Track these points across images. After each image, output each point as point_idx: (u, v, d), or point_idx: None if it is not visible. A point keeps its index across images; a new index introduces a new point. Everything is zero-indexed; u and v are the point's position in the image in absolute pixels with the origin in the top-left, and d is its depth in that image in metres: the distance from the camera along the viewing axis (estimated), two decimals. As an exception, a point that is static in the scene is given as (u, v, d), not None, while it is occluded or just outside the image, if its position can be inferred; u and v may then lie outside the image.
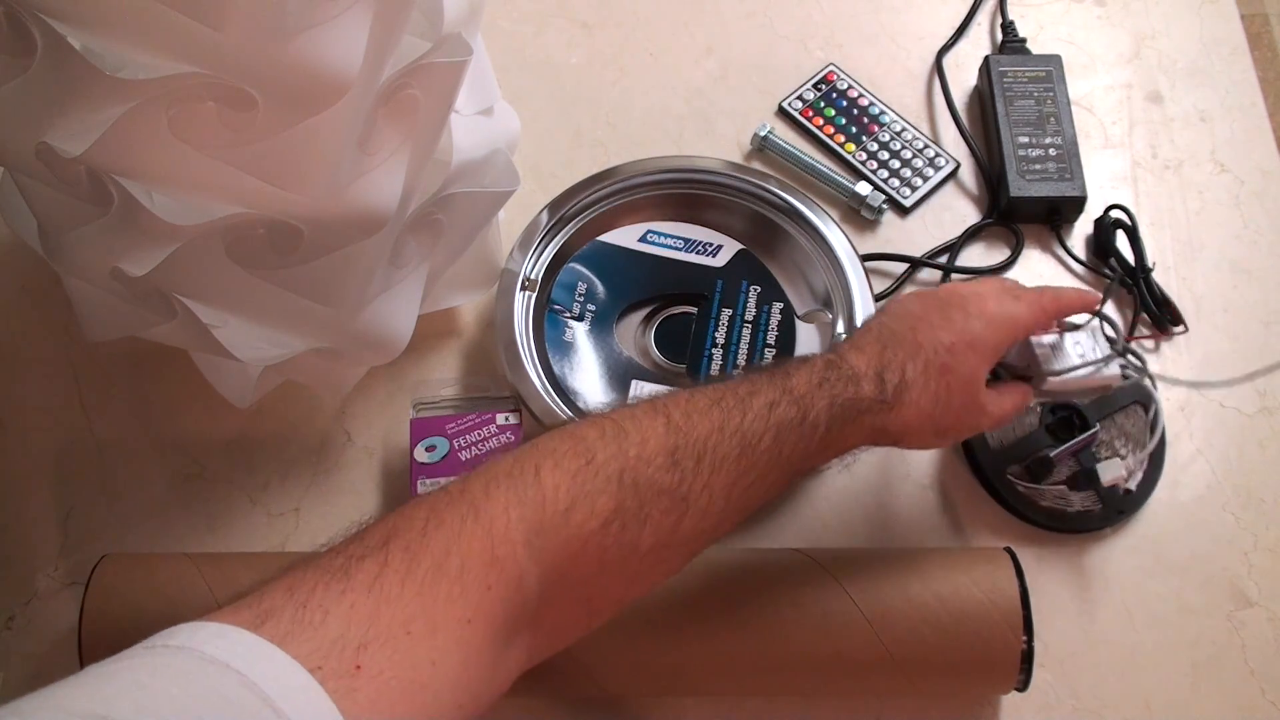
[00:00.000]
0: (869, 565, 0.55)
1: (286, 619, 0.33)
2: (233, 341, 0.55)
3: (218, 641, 0.32)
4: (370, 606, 0.35)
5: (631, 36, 0.81)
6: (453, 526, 0.38)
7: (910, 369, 0.50)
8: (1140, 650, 0.60)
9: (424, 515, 0.38)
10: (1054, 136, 0.73)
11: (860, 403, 0.48)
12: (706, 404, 0.45)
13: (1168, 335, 0.68)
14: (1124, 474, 0.61)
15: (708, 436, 0.44)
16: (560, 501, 0.40)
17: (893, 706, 0.58)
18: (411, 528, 0.38)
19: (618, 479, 0.41)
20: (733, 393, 0.46)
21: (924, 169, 0.75)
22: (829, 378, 0.48)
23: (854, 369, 0.49)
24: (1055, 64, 0.76)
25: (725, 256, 0.69)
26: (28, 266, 0.71)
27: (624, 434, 0.43)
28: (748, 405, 0.45)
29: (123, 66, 0.44)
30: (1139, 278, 0.69)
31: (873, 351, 0.50)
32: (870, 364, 0.49)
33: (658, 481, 0.42)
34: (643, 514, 0.42)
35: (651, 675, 0.54)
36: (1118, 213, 0.71)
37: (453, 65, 0.50)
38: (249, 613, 0.33)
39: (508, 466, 0.41)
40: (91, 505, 0.64)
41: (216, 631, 0.32)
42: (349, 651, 0.33)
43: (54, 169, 0.48)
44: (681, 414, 0.44)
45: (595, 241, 0.69)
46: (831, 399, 0.47)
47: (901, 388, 0.49)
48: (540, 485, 0.40)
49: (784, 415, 0.46)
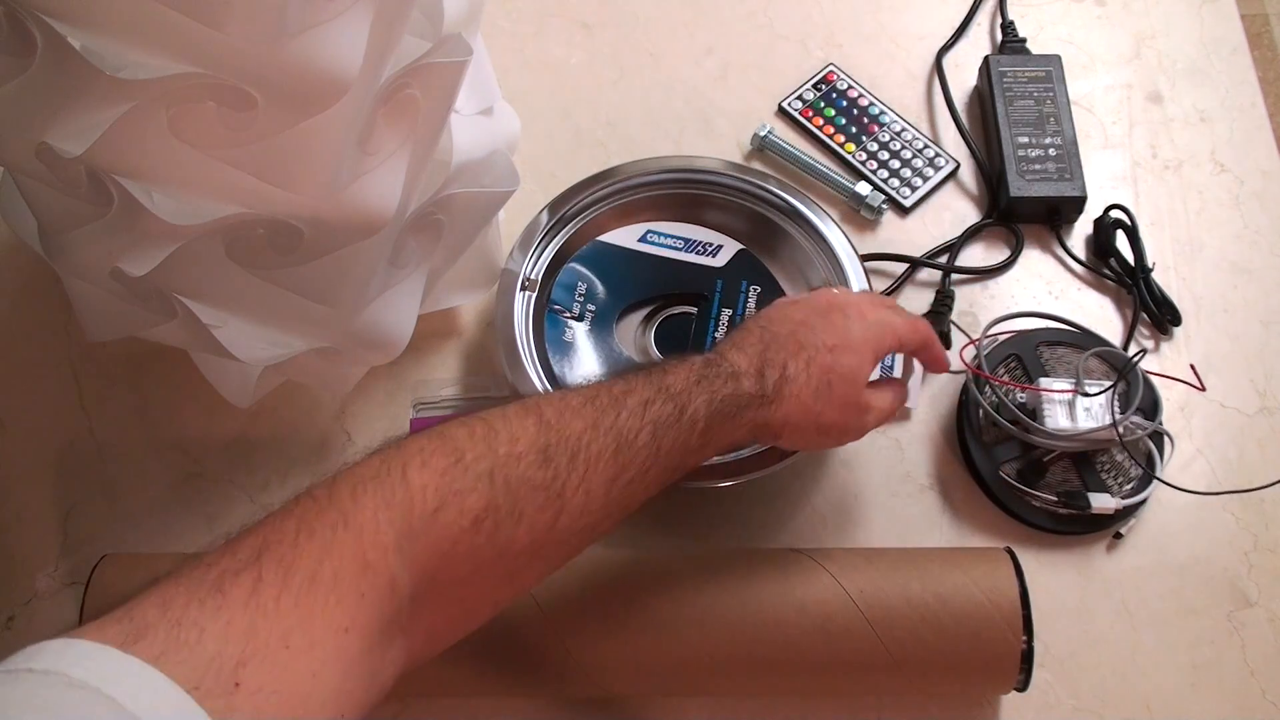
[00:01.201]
0: (869, 565, 0.55)
1: (161, 637, 0.32)
2: (233, 341, 0.55)
3: (86, 663, 0.30)
4: (246, 622, 0.34)
5: (631, 36, 0.81)
6: (323, 535, 0.37)
7: (792, 366, 0.51)
8: (1140, 650, 0.60)
9: (294, 526, 0.38)
10: (1054, 136, 0.73)
11: (740, 398, 0.49)
12: (580, 402, 0.45)
13: (1168, 336, 0.69)
14: (1112, 509, 0.61)
15: (581, 434, 0.44)
16: (429, 502, 0.40)
17: (893, 706, 0.58)
18: (283, 539, 0.37)
19: (488, 477, 0.41)
20: (606, 391, 0.46)
21: (924, 169, 0.75)
22: (707, 374, 0.49)
23: (734, 366, 0.50)
24: (1055, 64, 0.76)
25: (725, 256, 0.69)
26: (28, 266, 0.71)
27: (494, 433, 0.42)
28: (622, 403, 0.46)
29: (123, 66, 0.44)
30: (1139, 278, 0.69)
31: (754, 351, 0.51)
32: (751, 362, 0.50)
33: (530, 478, 0.42)
34: (516, 511, 0.41)
35: (651, 675, 0.54)
36: (1117, 213, 0.71)
37: (453, 65, 0.50)
38: (118, 629, 0.32)
39: (374, 469, 0.40)
40: (91, 505, 0.64)
41: (85, 651, 0.31)
42: (227, 670, 0.32)
43: (54, 169, 0.48)
44: (554, 412, 0.44)
45: (595, 241, 0.69)
46: (710, 395, 0.48)
47: (782, 382, 0.50)
48: (408, 486, 0.40)
49: (660, 412, 0.46)
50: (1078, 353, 0.65)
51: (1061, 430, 0.61)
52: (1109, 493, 0.61)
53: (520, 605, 0.53)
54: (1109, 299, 0.70)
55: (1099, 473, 0.62)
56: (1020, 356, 0.65)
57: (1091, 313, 0.69)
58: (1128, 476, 0.63)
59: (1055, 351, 0.66)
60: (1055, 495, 0.61)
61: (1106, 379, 0.63)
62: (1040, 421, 0.62)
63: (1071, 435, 0.61)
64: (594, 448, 0.44)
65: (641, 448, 0.45)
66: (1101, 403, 0.62)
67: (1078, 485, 0.62)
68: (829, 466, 0.65)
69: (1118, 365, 0.64)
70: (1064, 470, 0.63)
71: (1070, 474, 0.63)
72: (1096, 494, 0.61)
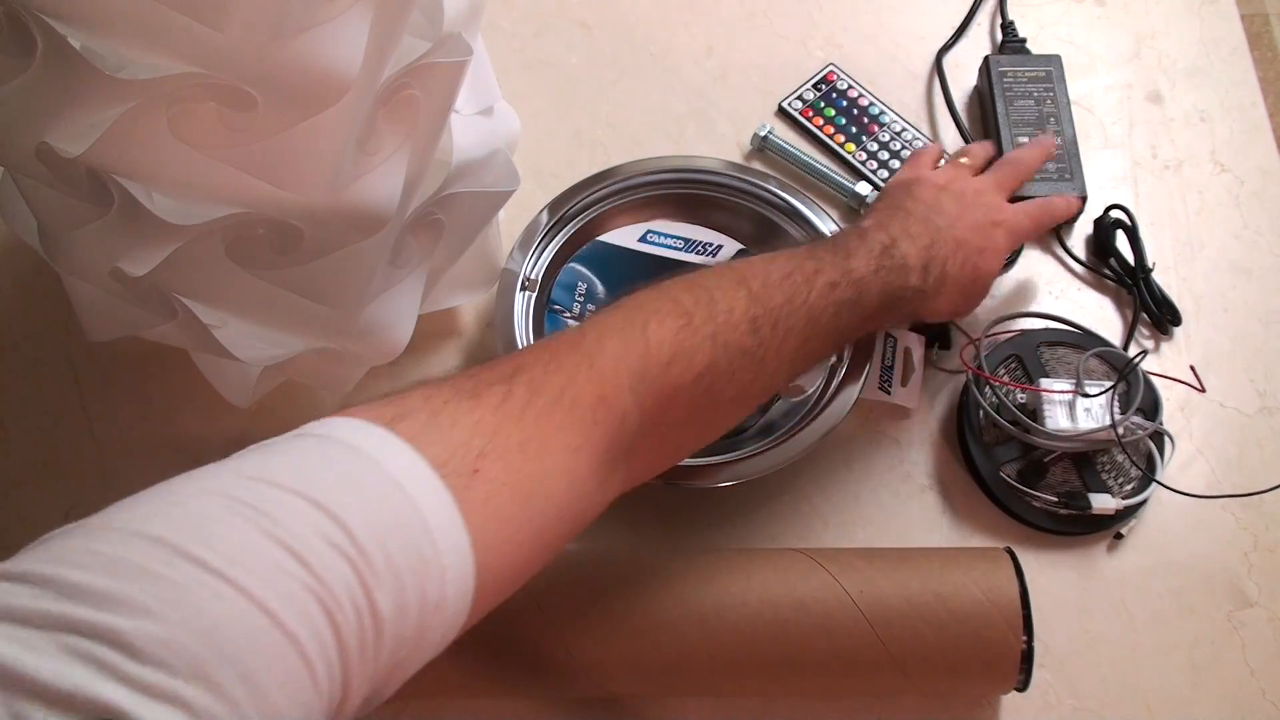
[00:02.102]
0: (869, 565, 0.55)
1: (421, 421, 0.38)
2: (233, 341, 0.55)
3: (356, 432, 0.37)
4: (493, 424, 0.39)
5: (631, 36, 0.81)
6: (569, 369, 0.43)
7: (950, 264, 0.58)
8: (1140, 650, 0.60)
9: (546, 357, 0.43)
10: (1054, 137, 0.73)
11: (907, 290, 0.56)
12: (779, 277, 0.51)
13: (1168, 336, 0.69)
14: (1112, 510, 0.61)
15: (780, 308, 0.50)
16: (663, 354, 0.46)
17: (893, 706, 0.58)
18: (535, 365, 0.43)
19: (711, 339, 0.47)
20: (800, 269, 0.52)
21: (924, 169, 0.75)
22: (884, 265, 0.55)
23: (905, 259, 0.56)
24: (1055, 64, 0.76)
25: (725, 256, 0.69)
26: (28, 266, 0.71)
27: (714, 301, 0.49)
28: (813, 282, 0.52)
29: (123, 66, 0.44)
30: (1139, 278, 0.69)
31: (922, 243, 0.57)
32: (919, 256, 0.57)
33: (741, 344, 0.48)
34: (729, 370, 0.48)
35: (651, 675, 0.54)
36: (1117, 213, 0.71)
37: (453, 65, 0.50)
38: (386, 410, 0.38)
39: (620, 320, 0.47)
40: (91, 505, 0.63)
41: (356, 425, 0.37)
42: (470, 457, 0.38)
43: (54, 169, 0.48)
44: (760, 285, 0.50)
45: (595, 241, 0.69)
46: (884, 285, 0.55)
47: (941, 280, 0.58)
48: (646, 339, 0.46)
49: (843, 295, 0.53)
50: (1078, 353, 0.65)
51: (1061, 431, 0.61)
52: (1109, 493, 0.61)
53: (520, 605, 0.53)
54: (1109, 299, 0.70)
55: (1099, 473, 0.62)
56: (1020, 357, 0.65)
57: (1092, 313, 0.69)
58: (1128, 477, 0.63)
59: (1056, 352, 0.66)
60: (1055, 496, 0.61)
61: (1107, 379, 0.64)
62: (1040, 422, 0.62)
63: (1071, 436, 0.61)
64: (790, 321, 0.50)
65: (825, 324, 0.52)
66: (1101, 403, 0.62)
67: (1078, 486, 0.62)
68: (829, 466, 0.65)
69: (1118, 366, 0.64)
70: (1064, 471, 0.63)
71: (1071, 474, 0.63)
72: (1097, 494, 0.61)
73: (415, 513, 0.35)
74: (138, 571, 0.29)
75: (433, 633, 0.36)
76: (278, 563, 0.31)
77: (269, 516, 0.32)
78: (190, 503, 0.32)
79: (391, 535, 0.34)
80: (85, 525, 0.32)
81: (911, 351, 0.66)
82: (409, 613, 0.34)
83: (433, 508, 0.36)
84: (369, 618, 0.33)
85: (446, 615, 0.36)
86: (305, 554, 0.32)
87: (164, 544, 0.30)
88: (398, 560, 0.34)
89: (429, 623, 0.36)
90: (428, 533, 0.35)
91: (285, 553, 0.31)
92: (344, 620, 0.32)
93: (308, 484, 0.34)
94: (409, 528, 0.35)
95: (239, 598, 0.30)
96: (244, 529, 0.32)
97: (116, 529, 0.31)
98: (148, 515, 0.32)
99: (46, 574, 0.29)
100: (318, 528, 0.33)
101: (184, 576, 0.29)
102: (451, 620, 0.37)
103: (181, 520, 0.31)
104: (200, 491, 0.33)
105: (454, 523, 0.36)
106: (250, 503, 0.32)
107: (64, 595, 0.28)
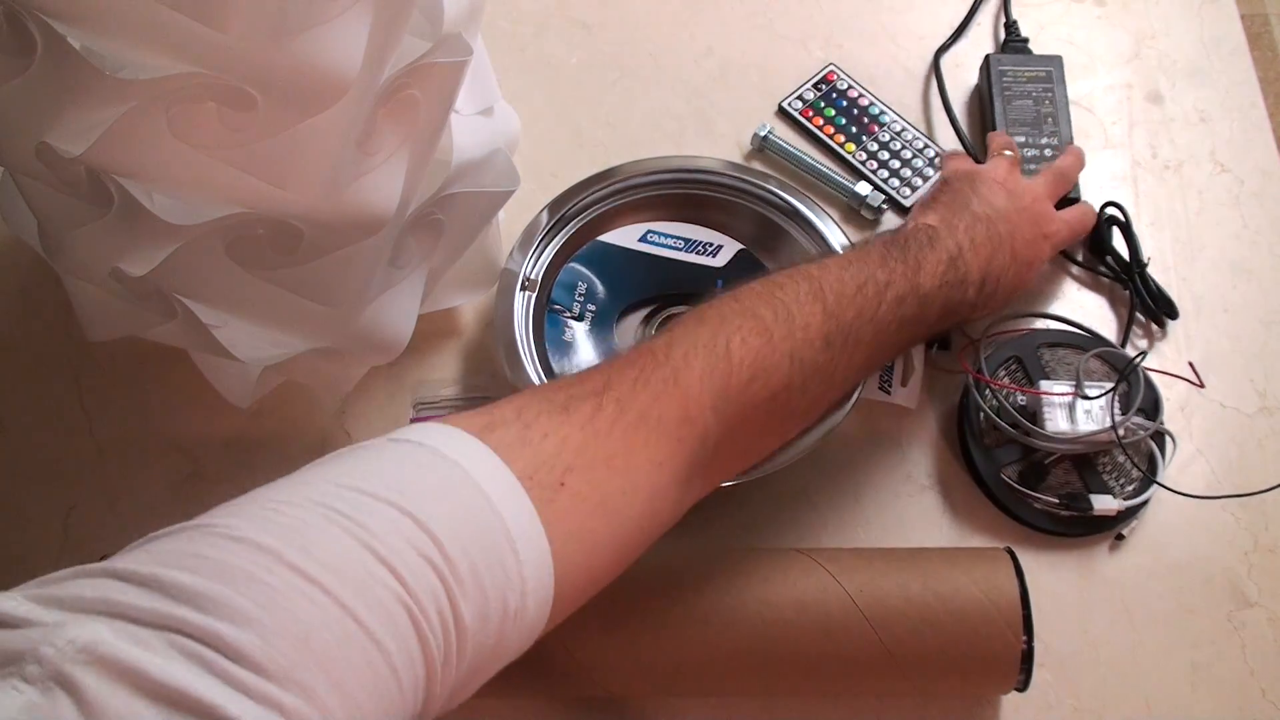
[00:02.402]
0: (869, 565, 0.55)
1: (512, 433, 0.40)
2: (233, 341, 0.55)
3: (451, 441, 0.38)
4: (581, 439, 0.41)
5: (631, 36, 0.81)
6: (656, 386, 0.45)
7: (1004, 279, 0.59)
8: (1140, 650, 0.60)
9: (634, 374, 0.45)
10: (1050, 137, 0.73)
11: (964, 305, 0.57)
12: (854, 289, 0.52)
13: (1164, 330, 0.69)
14: (1113, 511, 0.61)
15: (852, 322, 0.51)
16: (744, 373, 0.47)
17: (893, 706, 0.58)
18: (624, 382, 0.44)
19: (789, 357, 0.49)
20: (873, 280, 0.53)
21: (924, 169, 0.75)
22: (949, 280, 0.56)
23: (968, 273, 0.57)
24: (1056, 65, 0.76)
25: (725, 256, 0.69)
26: (28, 266, 0.71)
27: (791, 317, 0.50)
28: (884, 296, 0.53)
29: (123, 66, 0.44)
30: (1134, 273, 0.69)
31: (985, 253, 0.58)
32: (980, 270, 0.57)
33: (817, 361, 0.50)
34: (804, 387, 0.50)
35: (651, 675, 0.54)
36: (1112, 209, 0.71)
37: (453, 65, 0.50)
38: (480, 420, 0.40)
39: (705, 337, 0.48)
40: (91, 505, 0.64)
41: (451, 433, 0.39)
42: (557, 471, 0.39)
43: (54, 169, 0.48)
44: (834, 299, 0.51)
45: (595, 241, 0.69)
46: (947, 299, 0.56)
47: (993, 294, 0.59)
48: (729, 358, 0.47)
49: (908, 310, 0.54)
50: (1078, 354, 0.65)
51: (1062, 433, 0.61)
52: (1111, 494, 0.61)
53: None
54: (1104, 296, 0.70)
55: (1100, 474, 0.62)
56: (1021, 358, 0.65)
57: (1089, 310, 0.69)
58: (1130, 477, 0.63)
59: (1056, 353, 0.66)
60: (1057, 497, 0.61)
61: (1107, 380, 0.63)
62: (1041, 424, 0.62)
63: (1072, 438, 0.61)
64: (859, 335, 0.52)
65: (889, 338, 0.54)
66: (1102, 405, 0.62)
67: (1079, 487, 0.62)
68: (829, 466, 0.65)
69: (1119, 366, 0.64)
70: (1065, 472, 0.63)
71: (1072, 475, 0.62)
72: (1098, 495, 0.61)
73: (500, 524, 0.37)
74: (240, 576, 0.31)
75: (511, 640, 0.38)
76: (371, 572, 0.33)
77: (364, 526, 0.33)
78: (289, 510, 0.34)
79: (477, 545, 0.35)
80: (189, 528, 0.33)
81: (912, 352, 0.66)
82: (490, 621, 0.36)
83: (517, 519, 0.37)
84: (453, 628, 0.34)
85: (525, 623, 0.38)
86: (396, 564, 0.33)
87: (265, 551, 0.32)
88: (482, 570, 0.35)
89: (508, 630, 0.37)
90: (511, 543, 0.37)
91: (378, 562, 0.33)
92: (430, 631, 0.33)
93: (400, 493, 0.35)
94: (494, 538, 0.36)
95: (333, 606, 0.31)
96: (340, 538, 0.33)
97: (220, 534, 0.33)
98: (249, 522, 0.33)
99: (156, 575, 0.30)
100: (409, 538, 0.34)
101: (282, 583, 0.31)
102: (530, 628, 0.38)
103: (282, 528, 0.33)
104: (299, 500, 0.35)
105: (537, 534, 0.38)
106: (346, 512, 0.34)
107: (172, 596, 0.30)
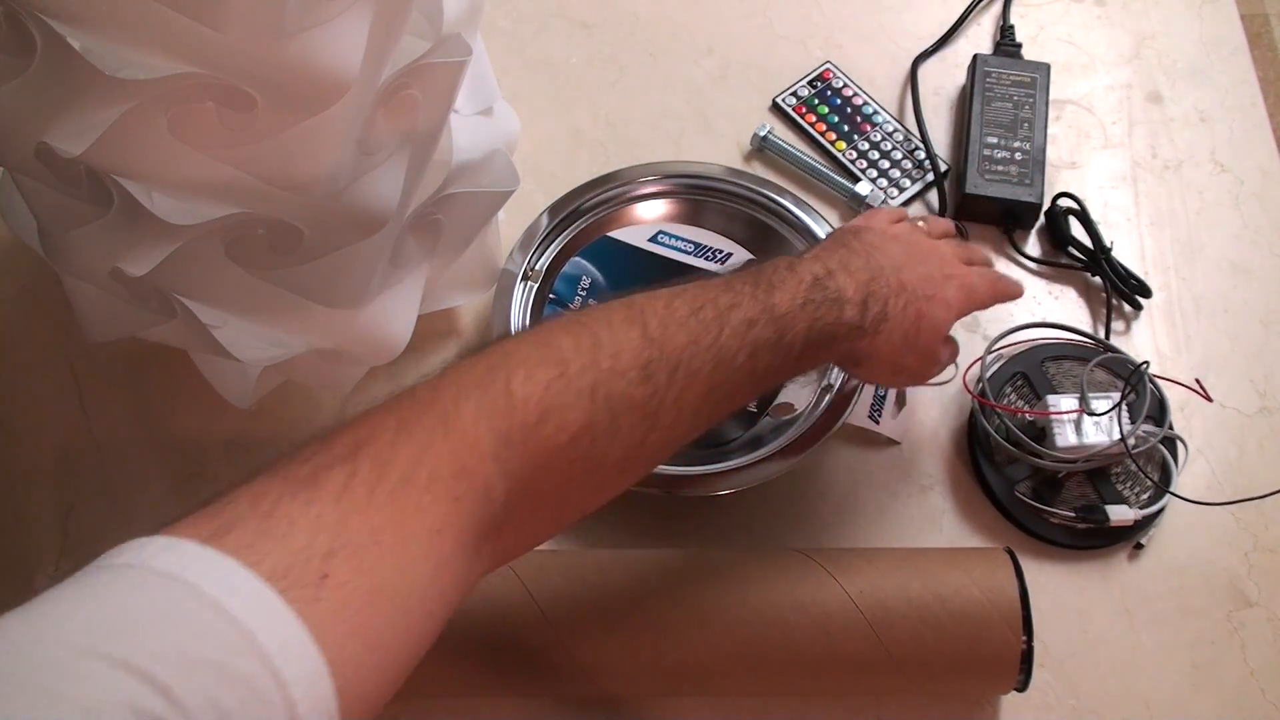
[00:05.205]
0: (869, 565, 0.55)
1: (250, 530, 0.33)
2: (233, 341, 0.55)
3: (167, 555, 0.31)
4: (338, 516, 0.34)
5: (631, 36, 0.81)
6: (422, 437, 0.37)
7: (892, 304, 0.51)
8: (1140, 650, 0.60)
9: (394, 424, 0.38)
10: (1023, 142, 0.73)
11: (840, 327, 0.49)
12: (685, 313, 0.44)
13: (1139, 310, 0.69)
14: (1130, 521, 0.60)
15: (683, 349, 0.43)
16: (530, 414, 0.40)
17: (893, 706, 0.58)
18: (380, 436, 0.37)
19: (589, 393, 0.41)
20: (713, 304, 0.45)
21: (912, 171, 0.75)
22: (814, 299, 0.48)
23: (841, 291, 0.49)
24: (1042, 72, 0.75)
25: (735, 264, 0.69)
26: (28, 266, 0.71)
27: (599, 345, 0.42)
28: (726, 319, 0.45)
29: (123, 66, 0.44)
30: (1100, 259, 0.69)
31: (862, 279, 0.51)
32: (858, 291, 0.50)
33: (630, 396, 0.42)
34: (613, 428, 0.41)
35: (651, 675, 0.54)
36: (1066, 200, 0.71)
37: (452, 65, 0.50)
38: (208, 525, 0.33)
39: (479, 375, 0.40)
40: (91, 505, 0.64)
41: (166, 545, 0.32)
42: (315, 561, 0.33)
43: (54, 169, 0.48)
44: (659, 324, 0.44)
45: (604, 237, 0.69)
46: (812, 322, 0.48)
47: (881, 319, 0.51)
48: (510, 397, 0.40)
49: (761, 334, 0.46)
50: (1082, 365, 0.64)
51: (1072, 448, 0.61)
52: (1126, 504, 0.61)
53: (520, 606, 0.53)
54: (1074, 287, 0.71)
55: (1115, 483, 0.62)
56: (1027, 374, 0.65)
57: (1067, 308, 0.70)
58: (1144, 485, 0.62)
59: (1061, 365, 0.66)
60: (1073, 510, 0.61)
61: (1113, 387, 0.63)
62: (1051, 441, 0.61)
63: (1082, 454, 0.61)
64: (693, 364, 0.44)
65: (738, 368, 0.45)
66: (1111, 417, 0.61)
67: (1094, 499, 0.61)
68: (829, 468, 0.65)
69: (1123, 373, 0.64)
70: (1080, 484, 0.62)
71: (1086, 487, 0.62)
72: (1114, 506, 0.61)
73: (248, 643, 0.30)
74: None
75: None
76: None
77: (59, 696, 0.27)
78: None
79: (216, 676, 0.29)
80: None
81: None
82: None
83: (272, 632, 0.31)
84: None
85: None
86: None
87: None
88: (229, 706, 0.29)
89: None
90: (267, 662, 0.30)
91: None
92: None
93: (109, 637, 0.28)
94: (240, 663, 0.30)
95: None
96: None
97: None
98: None
99: None
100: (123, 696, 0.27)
101: None
102: None
103: None
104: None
105: (301, 643, 0.31)
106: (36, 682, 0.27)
107: None
